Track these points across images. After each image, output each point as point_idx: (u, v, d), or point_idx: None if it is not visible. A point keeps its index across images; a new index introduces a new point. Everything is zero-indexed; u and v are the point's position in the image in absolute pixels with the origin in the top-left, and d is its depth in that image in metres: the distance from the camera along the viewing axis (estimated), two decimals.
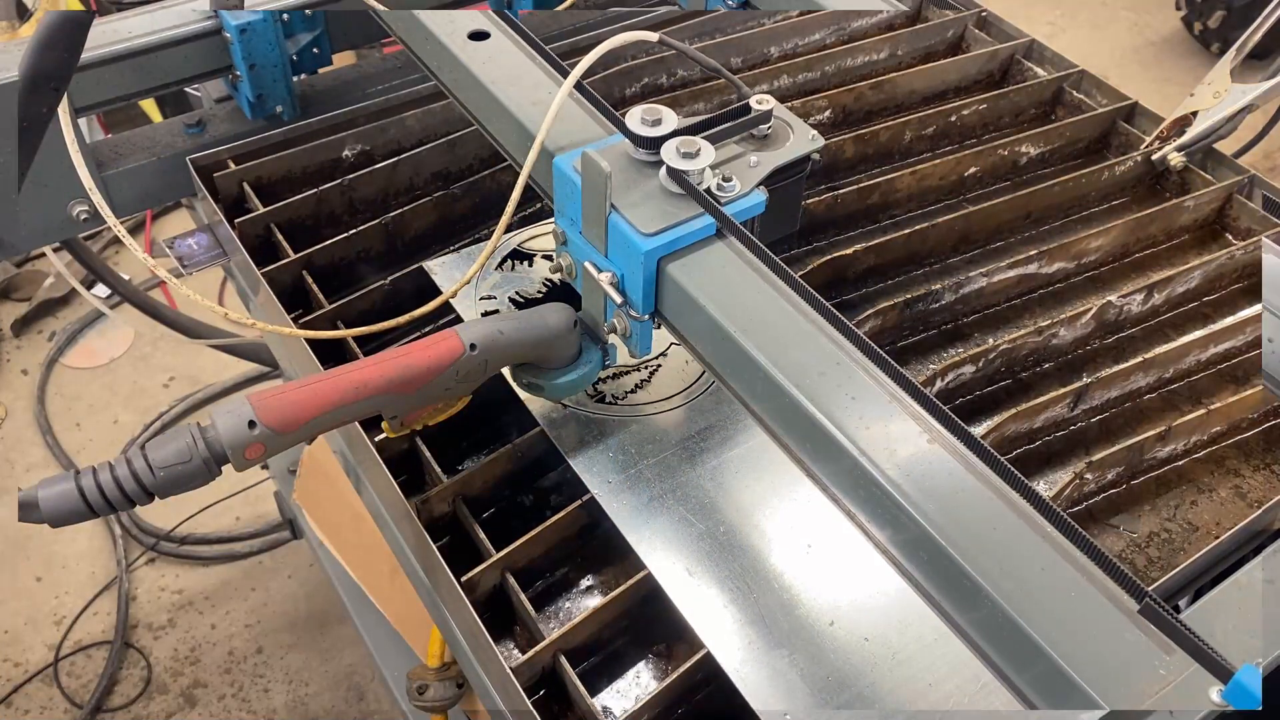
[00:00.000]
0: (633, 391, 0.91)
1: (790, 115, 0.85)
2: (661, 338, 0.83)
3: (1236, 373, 1.09)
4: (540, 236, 1.01)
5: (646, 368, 0.93)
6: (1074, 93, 1.35)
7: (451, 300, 0.92)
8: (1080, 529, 0.58)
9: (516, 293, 0.95)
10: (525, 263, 0.98)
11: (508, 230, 1.00)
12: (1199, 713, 0.72)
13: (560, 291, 0.97)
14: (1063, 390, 1.02)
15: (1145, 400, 1.08)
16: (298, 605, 2.19)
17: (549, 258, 0.99)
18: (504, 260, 0.98)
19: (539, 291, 0.96)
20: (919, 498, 0.59)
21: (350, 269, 1.07)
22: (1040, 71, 1.37)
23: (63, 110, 0.91)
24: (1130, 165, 1.24)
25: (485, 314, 0.92)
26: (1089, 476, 0.98)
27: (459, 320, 0.97)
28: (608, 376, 0.90)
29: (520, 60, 0.89)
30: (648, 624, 0.82)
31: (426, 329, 1.01)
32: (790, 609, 0.76)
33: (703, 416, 0.90)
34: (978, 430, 0.99)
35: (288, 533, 2.06)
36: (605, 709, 0.78)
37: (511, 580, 0.81)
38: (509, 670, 0.73)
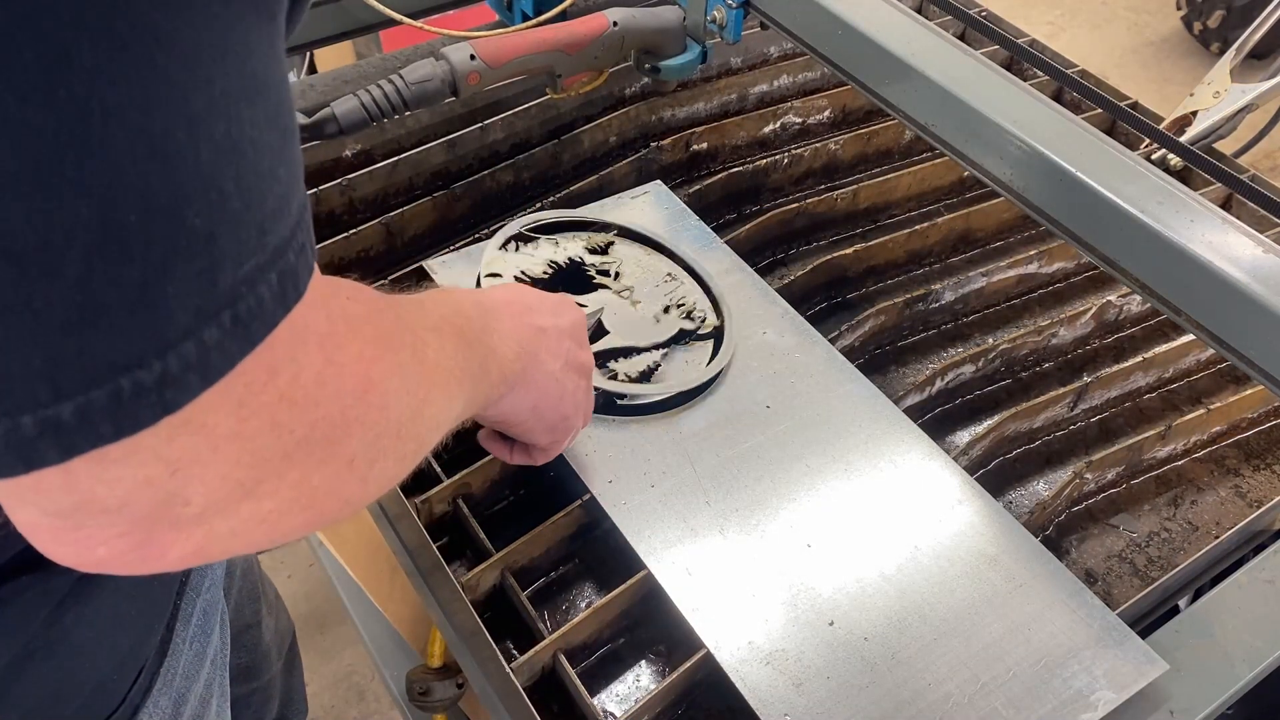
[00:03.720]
0: (635, 395, 0.90)
1: None
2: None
3: (1236, 373, 1.09)
4: (540, 223, 1.02)
5: (649, 368, 0.92)
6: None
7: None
8: None
9: (522, 271, 0.95)
10: (528, 244, 0.99)
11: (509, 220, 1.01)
12: (1199, 712, 0.72)
13: (564, 273, 0.98)
14: (1062, 390, 1.02)
15: (1145, 400, 1.09)
16: (297, 605, 2.19)
17: (554, 241, 1.00)
18: (506, 242, 0.97)
19: (544, 273, 0.96)
20: None
21: (350, 269, 1.07)
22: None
23: None
24: None
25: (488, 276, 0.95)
26: (1089, 476, 0.98)
27: None
28: (608, 376, 0.90)
29: None
30: (648, 624, 0.82)
31: None
32: (790, 609, 0.76)
33: (704, 417, 0.90)
34: (977, 430, 0.99)
35: None
36: (605, 709, 0.78)
37: (511, 580, 0.81)
38: (509, 670, 0.73)
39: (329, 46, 1.29)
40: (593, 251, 1.01)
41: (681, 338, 0.96)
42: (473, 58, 0.97)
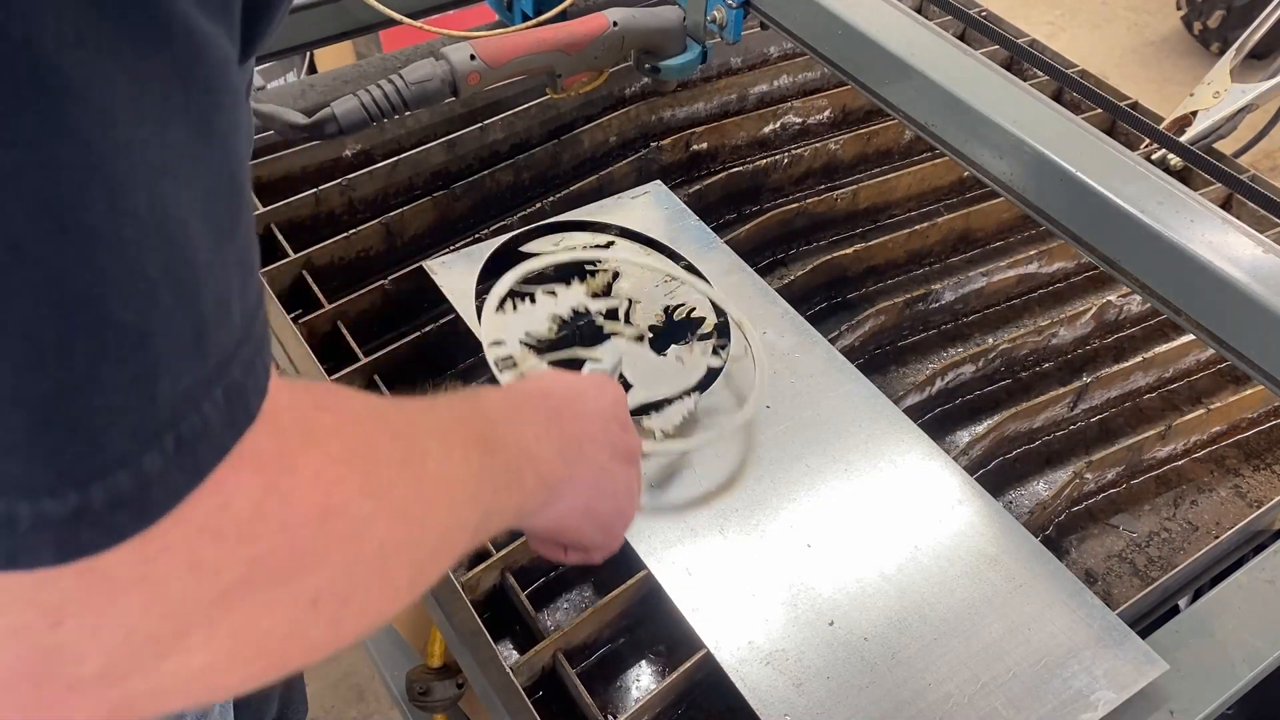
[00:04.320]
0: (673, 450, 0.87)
1: None
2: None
3: (1236, 372, 1.09)
4: (526, 289, 0.93)
5: (685, 419, 0.88)
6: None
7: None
8: None
9: (526, 334, 0.88)
10: (526, 300, 0.92)
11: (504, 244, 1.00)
12: (1199, 712, 0.72)
13: (572, 327, 0.92)
14: (1062, 390, 1.02)
15: (1145, 400, 1.09)
16: None
17: (551, 292, 0.93)
18: (501, 303, 0.90)
19: (550, 330, 0.89)
20: None
21: (350, 269, 1.07)
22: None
23: None
24: None
25: (500, 360, 0.84)
26: (1089, 476, 0.98)
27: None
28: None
29: None
30: (648, 624, 0.82)
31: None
32: (790, 609, 0.76)
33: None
34: (977, 430, 0.99)
35: None
36: (605, 709, 0.78)
37: (511, 580, 0.81)
38: (509, 670, 0.73)
39: (329, 46, 1.29)
40: (595, 295, 0.94)
41: (711, 378, 0.92)
42: (473, 58, 0.97)
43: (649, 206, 1.10)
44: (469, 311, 0.97)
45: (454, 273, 1.00)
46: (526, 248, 1.06)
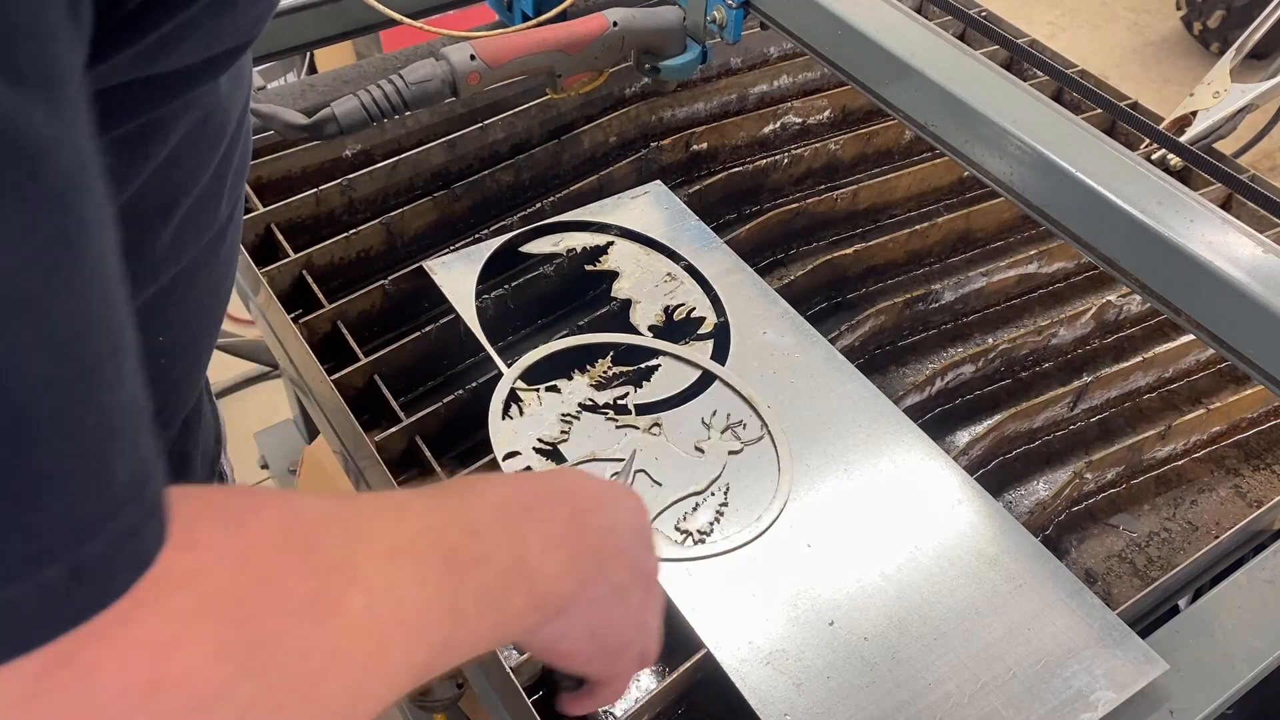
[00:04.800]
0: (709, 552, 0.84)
1: None
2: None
3: (1236, 373, 1.09)
4: (526, 391, 0.91)
5: (718, 513, 0.85)
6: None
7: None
8: None
9: (539, 440, 0.86)
10: (533, 400, 0.89)
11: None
12: (1199, 712, 0.72)
13: (584, 426, 0.88)
14: (1062, 390, 1.02)
15: (1145, 400, 1.09)
16: None
17: (554, 388, 0.90)
18: (505, 412, 0.88)
19: (563, 432, 0.87)
20: None
21: (350, 269, 1.07)
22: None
23: None
24: None
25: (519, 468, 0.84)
26: (1088, 476, 0.98)
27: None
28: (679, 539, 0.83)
29: None
30: None
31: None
32: (790, 609, 0.76)
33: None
34: (977, 430, 0.99)
35: None
36: (605, 709, 0.78)
37: None
38: (509, 670, 0.73)
39: (329, 46, 1.29)
40: (599, 386, 0.91)
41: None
42: (473, 58, 0.97)
43: (649, 206, 1.10)
44: (469, 311, 0.97)
45: (454, 273, 1.00)
46: (526, 248, 1.06)
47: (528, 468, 0.84)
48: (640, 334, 0.97)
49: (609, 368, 0.93)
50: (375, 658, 0.36)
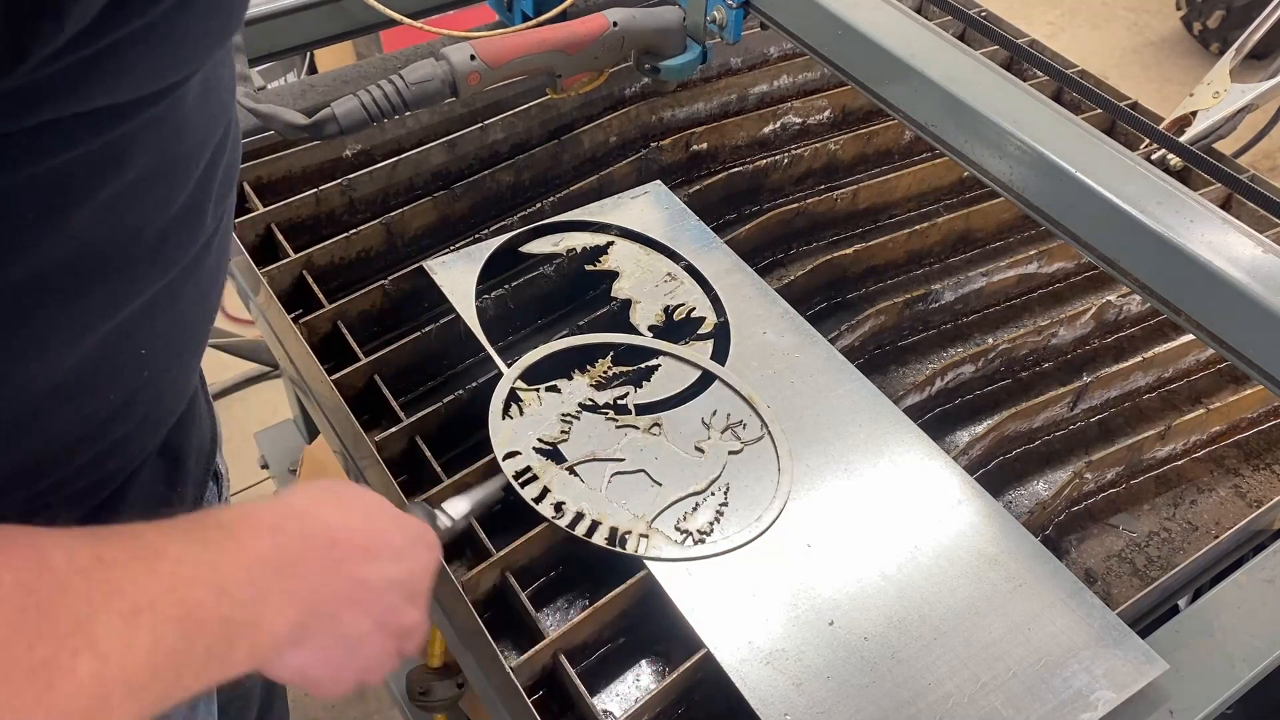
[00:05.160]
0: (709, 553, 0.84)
1: None
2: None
3: (1236, 373, 1.09)
4: (526, 391, 0.91)
5: (718, 513, 0.84)
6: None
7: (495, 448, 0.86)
8: None
9: (539, 439, 0.87)
10: (533, 399, 0.90)
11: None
12: (1199, 712, 0.72)
13: (584, 425, 0.88)
14: (1062, 390, 1.02)
15: (1145, 400, 1.09)
16: None
17: (554, 388, 0.91)
18: (505, 411, 0.88)
19: (563, 432, 0.87)
20: None
21: (350, 269, 1.07)
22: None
23: None
24: None
25: (518, 473, 0.83)
26: (1088, 476, 0.98)
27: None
28: (679, 539, 0.82)
29: None
30: (648, 624, 0.82)
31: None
32: (790, 609, 0.76)
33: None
34: (977, 430, 0.99)
35: None
36: (605, 709, 0.78)
37: (511, 580, 0.81)
38: (509, 670, 0.73)
39: (329, 46, 1.29)
40: (599, 386, 0.91)
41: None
42: (473, 58, 0.97)
43: (649, 206, 1.10)
44: (469, 311, 0.97)
45: (454, 273, 1.00)
46: (526, 248, 1.06)
47: (527, 468, 0.84)
48: (640, 334, 0.97)
49: (609, 368, 0.93)
50: (92, 716, 0.38)
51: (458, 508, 0.79)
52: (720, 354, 0.95)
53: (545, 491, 0.83)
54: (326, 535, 0.54)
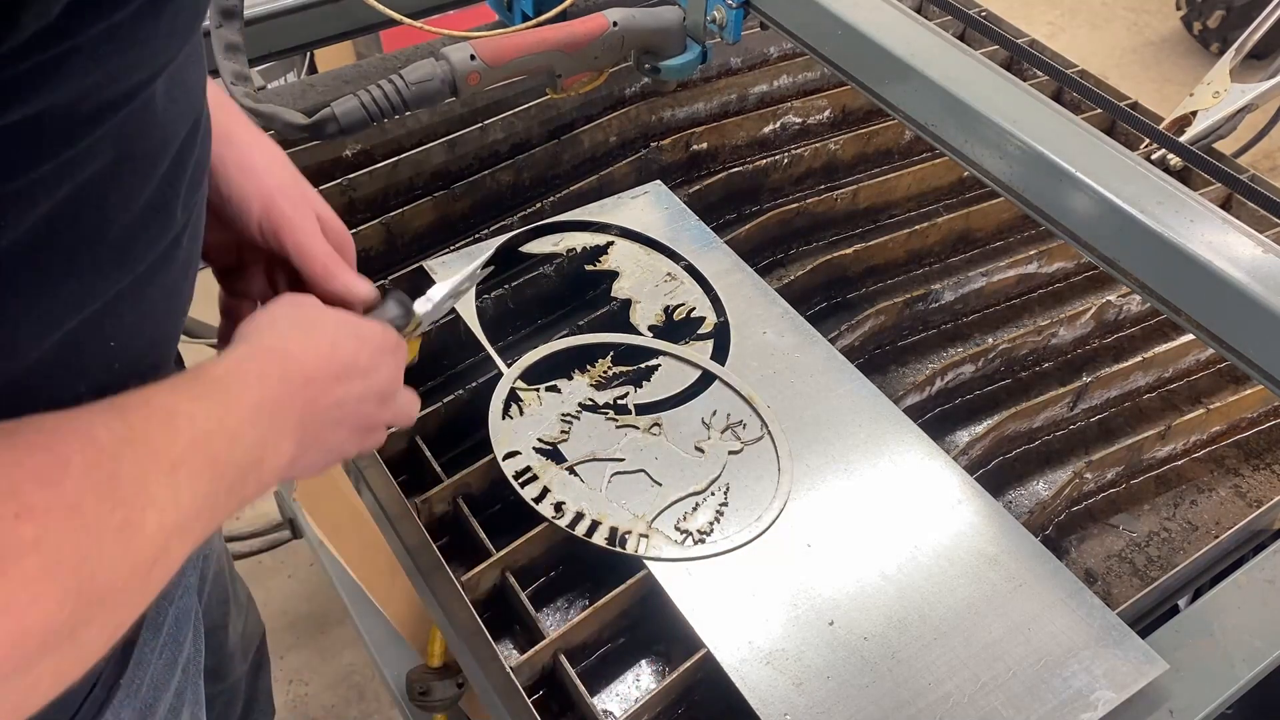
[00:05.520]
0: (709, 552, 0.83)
1: None
2: None
3: (1236, 373, 1.09)
4: (526, 391, 0.91)
5: (718, 512, 0.84)
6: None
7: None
8: None
9: (539, 439, 0.87)
10: (533, 399, 0.90)
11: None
12: (1199, 712, 0.72)
13: (583, 426, 0.88)
14: (1062, 390, 1.02)
15: (1145, 400, 1.09)
16: (297, 605, 2.19)
17: (554, 388, 0.91)
18: (505, 411, 0.89)
19: (562, 432, 0.87)
20: None
21: None
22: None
23: None
24: None
25: (518, 473, 0.84)
26: (1088, 476, 0.98)
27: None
28: (679, 539, 0.82)
29: None
30: (648, 624, 0.82)
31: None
32: (790, 609, 0.76)
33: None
34: (977, 430, 0.99)
35: (288, 532, 2.06)
36: (605, 709, 0.78)
37: (511, 580, 0.81)
38: (509, 670, 0.73)
39: (329, 46, 1.29)
40: (599, 386, 0.92)
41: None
42: (473, 58, 0.97)
43: (649, 206, 1.10)
44: (469, 311, 0.97)
45: (454, 273, 1.00)
46: (527, 248, 1.06)
47: (527, 468, 0.84)
48: (640, 334, 0.97)
49: (609, 368, 0.93)
50: (159, 563, 0.46)
51: (438, 291, 0.79)
52: (720, 354, 0.95)
53: (545, 491, 0.83)
54: (302, 374, 0.60)
